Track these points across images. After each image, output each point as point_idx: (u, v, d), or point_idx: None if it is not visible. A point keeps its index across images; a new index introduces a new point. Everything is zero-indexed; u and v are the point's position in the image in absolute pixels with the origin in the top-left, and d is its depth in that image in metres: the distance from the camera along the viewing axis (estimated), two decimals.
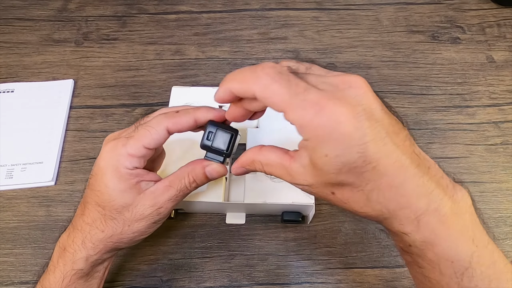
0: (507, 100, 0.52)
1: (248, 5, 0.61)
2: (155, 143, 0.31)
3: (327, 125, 0.23)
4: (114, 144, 0.31)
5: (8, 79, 0.54)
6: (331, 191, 0.26)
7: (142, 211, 0.31)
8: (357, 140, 0.23)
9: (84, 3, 0.61)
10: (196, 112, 0.32)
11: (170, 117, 0.31)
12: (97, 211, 0.32)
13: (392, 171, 0.24)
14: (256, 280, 0.41)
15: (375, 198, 0.24)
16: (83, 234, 0.32)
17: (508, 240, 0.43)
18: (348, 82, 0.24)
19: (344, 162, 0.23)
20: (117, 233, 0.32)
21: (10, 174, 0.47)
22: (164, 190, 0.32)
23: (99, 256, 0.33)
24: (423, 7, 0.60)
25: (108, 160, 0.31)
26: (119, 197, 0.31)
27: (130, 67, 0.55)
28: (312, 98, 0.23)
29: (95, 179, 0.31)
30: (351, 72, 0.26)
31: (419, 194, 0.24)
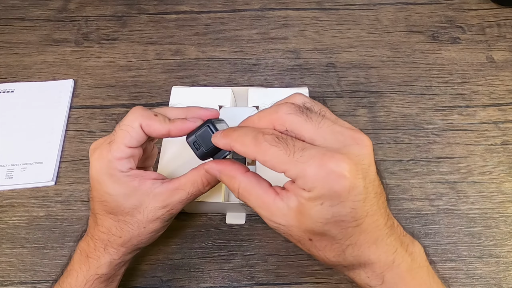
0: (507, 100, 0.52)
1: (248, 5, 0.61)
2: (136, 142, 0.31)
3: (329, 179, 0.24)
4: (99, 153, 0.31)
5: (8, 79, 0.54)
6: (309, 237, 0.27)
7: (154, 213, 0.32)
8: (353, 197, 0.24)
9: (84, 3, 0.61)
10: (171, 125, 0.31)
11: (146, 117, 0.31)
12: (110, 218, 0.32)
13: (371, 229, 0.26)
14: (256, 280, 0.41)
15: (350, 251, 0.26)
16: (103, 242, 0.32)
17: (508, 240, 0.43)
18: (356, 138, 0.26)
19: (335, 214, 0.25)
20: (135, 235, 0.33)
21: (10, 174, 0.47)
22: (174, 192, 0.32)
23: (121, 259, 0.34)
24: (423, 7, 0.60)
25: (99, 169, 0.31)
26: (126, 201, 0.31)
27: (130, 67, 0.55)
28: (312, 154, 0.24)
29: (96, 191, 0.32)
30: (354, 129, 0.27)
31: (387, 252, 0.26)
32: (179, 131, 0.32)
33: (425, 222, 0.44)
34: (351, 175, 0.24)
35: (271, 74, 0.54)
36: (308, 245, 0.27)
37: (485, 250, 0.42)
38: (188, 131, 0.32)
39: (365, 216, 0.25)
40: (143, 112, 0.31)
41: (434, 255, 0.42)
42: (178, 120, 0.32)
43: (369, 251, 0.26)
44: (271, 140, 0.26)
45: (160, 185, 0.32)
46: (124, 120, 0.31)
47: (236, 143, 0.27)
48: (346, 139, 0.25)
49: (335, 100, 0.52)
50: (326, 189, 0.24)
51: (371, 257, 0.26)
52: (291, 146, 0.25)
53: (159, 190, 0.32)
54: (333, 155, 0.24)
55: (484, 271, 0.41)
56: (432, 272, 0.29)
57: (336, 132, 0.26)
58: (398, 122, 0.50)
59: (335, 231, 0.25)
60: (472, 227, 0.43)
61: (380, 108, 0.51)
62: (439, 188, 0.46)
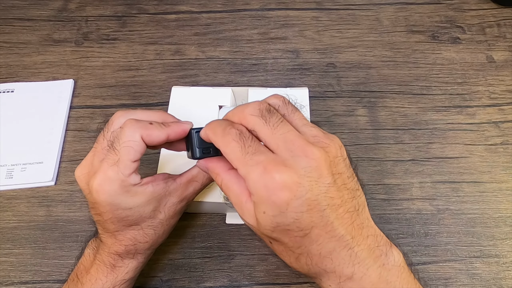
0: (507, 100, 0.52)
1: (248, 5, 0.61)
2: (140, 154, 0.31)
3: (269, 187, 0.24)
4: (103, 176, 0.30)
5: (8, 79, 0.54)
6: (269, 241, 0.28)
7: (174, 208, 0.33)
8: (294, 208, 0.24)
9: (84, 3, 0.61)
10: (168, 129, 0.31)
11: (143, 128, 0.31)
12: (133, 229, 0.32)
13: (322, 240, 0.25)
14: (256, 280, 0.41)
15: (303, 260, 0.27)
16: (131, 252, 0.33)
17: (508, 240, 0.43)
18: (306, 151, 0.25)
19: (278, 223, 0.25)
20: (160, 235, 0.34)
21: (10, 174, 0.47)
22: (189, 185, 0.34)
23: (146, 259, 0.35)
24: (423, 7, 0.60)
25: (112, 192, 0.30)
26: (147, 207, 0.32)
27: (130, 67, 0.55)
28: (261, 159, 0.25)
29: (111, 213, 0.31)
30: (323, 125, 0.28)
31: (346, 263, 0.26)
32: (177, 134, 0.32)
33: (425, 222, 0.44)
34: (291, 187, 0.24)
35: (271, 74, 0.54)
36: (272, 247, 0.28)
37: (485, 250, 0.42)
38: (184, 133, 0.32)
39: (311, 227, 0.25)
40: (138, 123, 0.31)
41: (434, 255, 0.42)
42: (173, 124, 0.32)
43: (323, 262, 0.26)
44: (234, 134, 0.26)
45: (174, 182, 0.33)
46: (123, 137, 0.30)
47: (210, 131, 0.29)
48: (296, 149, 0.25)
49: (335, 100, 0.52)
50: (265, 198, 0.24)
51: (327, 267, 0.26)
52: (247, 146, 0.26)
53: (174, 186, 0.33)
54: (277, 165, 0.24)
55: (484, 271, 0.41)
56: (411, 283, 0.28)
57: (288, 141, 0.26)
58: (398, 122, 0.50)
59: (285, 239, 0.26)
60: (472, 227, 0.43)
61: (380, 108, 0.51)
62: (439, 188, 0.46)
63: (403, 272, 0.27)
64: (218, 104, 0.45)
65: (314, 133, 0.27)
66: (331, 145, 0.26)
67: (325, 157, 0.25)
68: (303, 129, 0.27)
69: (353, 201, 0.27)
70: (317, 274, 0.27)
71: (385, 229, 0.43)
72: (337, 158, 0.26)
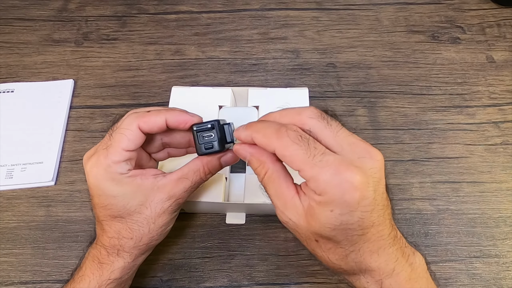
0: (507, 100, 0.52)
1: (248, 5, 0.61)
2: (134, 144, 0.31)
3: (342, 188, 0.25)
4: (95, 160, 0.31)
5: (8, 79, 0.54)
6: (316, 239, 0.28)
7: (161, 205, 0.32)
8: (362, 207, 0.25)
9: (84, 3, 0.61)
10: (166, 113, 0.31)
11: (140, 116, 0.31)
12: (118, 222, 0.32)
13: (374, 239, 0.27)
14: (256, 280, 0.41)
15: (353, 257, 0.27)
16: (115, 248, 0.32)
17: (508, 240, 0.43)
18: (370, 152, 0.27)
19: (343, 221, 0.26)
20: (146, 233, 0.33)
21: (10, 174, 0.47)
22: (179, 182, 0.33)
23: (135, 261, 0.34)
24: (423, 7, 0.60)
25: (98, 175, 0.31)
26: (132, 199, 0.31)
27: (130, 67, 0.55)
28: (330, 161, 0.25)
29: (98, 197, 0.31)
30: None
31: (388, 261, 0.28)
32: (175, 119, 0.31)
33: (425, 222, 0.44)
34: (362, 187, 0.25)
35: (271, 74, 0.54)
36: (313, 245, 0.28)
37: (485, 250, 0.42)
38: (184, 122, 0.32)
39: (371, 226, 0.26)
40: (136, 113, 0.31)
41: (434, 255, 0.42)
42: (176, 109, 0.32)
43: (370, 259, 0.27)
44: (294, 137, 0.26)
45: (163, 178, 0.32)
46: (121, 124, 0.31)
47: (258, 133, 0.28)
48: (361, 151, 0.26)
49: (335, 100, 0.52)
50: (337, 197, 0.25)
51: (372, 264, 0.27)
52: (312, 148, 0.26)
53: (163, 182, 0.32)
54: (349, 166, 0.25)
55: (484, 271, 0.41)
56: (432, 284, 0.30)
57: (352, 143, 0.27)
58: (398, 122, 0.50)
59: (341, 237, 0.26)
60: (472, 227, 0.43)
61: (380, 108, 0.51)
62: (439, 188, 0.46)
63: (426, 273, 0.29)
64: (218, 104, 0.45)
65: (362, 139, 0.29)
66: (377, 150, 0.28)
67: (383, 159, 0.27)
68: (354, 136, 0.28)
69: (390, 203, 0.28)
70: (360, 271, 0.28)
71: None
72: None
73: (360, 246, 0.27)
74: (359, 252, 0.27)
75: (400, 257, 0.28)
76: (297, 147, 0.26)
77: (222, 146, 0.32)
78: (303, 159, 0.26)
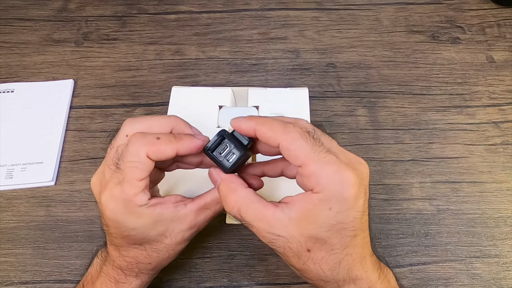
0: (507, 100, 0.52)
1: (248, 5, 0.61)
2: (146, 173, 0.29)
3: (343, 184, 0.26)
4: (109, 193, 0.29)
5: (8, 79, 0.54)
6: (308, 248, 0.27)
7: (182, 235, 0.31)
8: (357, 207, 0.26)
9: (84, 3, 0.61)
10: (177, 144, 0.29)
11: (150, 144, 0.28)
12: (136, 248, 0.31)
13: (362, 244, 0.28)
14: (256, 280, 0.41)
15: (345, 263, 0.28)
16: (134, 271, 0.32)
17: (508, 240, 0.43)
18: (360, 161, 0.28)
19: (339, 220, 0.26)
20: (165, 259, 0.32)
21: (10, 174, 0.47)
22: (200, 212, 0.32)
23: (150, 279, 0.34)
24: (423, 7, 0.60)
25: (116, 210, 0.29)
26: (152, 230, 0.30)
27: (130, 67, 0.55)
28: (333, 159, 0.26)
29: (116, 228, 0.30)
30: None
31: (373, 270, 0.29)
32: (188, 149, 0.30)
33: (425, 222, 0.44)
34: (358, 187, 0.26)
35: (271, 74, 0.54)
36: (304, 258, 0.28)
37: (485, 250, 0.42)
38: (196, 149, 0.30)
39: (360, 229, 0.27)
40: (144, 139, 0.28)
41: (434, 255, 0.42)
42: (185, 137, 0.30)
43: (359, 266, 0.28)
44: (301, 132, 0.27)
45: (184, 207, 0.31)
46: (127, 155, 0.28)
47: (263, 126, 0.28)
48: (352, 159, 0.28)
49: (335, 100, 0.52)
50: (337, 193, 0.26)
51: (361, 272, 0.28)
52: (318, 145, 0.27)
53: (184, 212, 0.31)
54: (348, 167, 0.26)
55: (484, 271, 0.41)
56: None
57: (344, 152, 0.28)
58: (398, 122, 0.50)
59: (335, 239, 0.27)
60: (472, 227, 0.43)
61: (380, 108, 0.51)
62: (439, 188, 0.46)
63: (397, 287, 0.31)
64: (218, 104, 0.45)
65: None
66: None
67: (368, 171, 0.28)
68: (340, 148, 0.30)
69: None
70: (350, 280, 0.28)
71: (385, 229, 0.43)
72: None
73: (352, 251, 0.27)
74: (351, 257, 0.27)
75: (379, 268, 0.29)
76: (303, 141, 0.26)
77: (244, 149, 0.30)
78: (308, 154, 0.26)
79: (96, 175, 0.31)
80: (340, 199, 0.26)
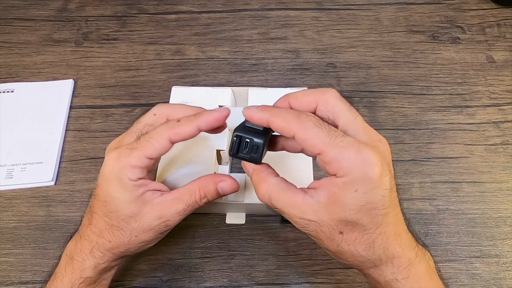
0: (507, 100, 0.52)
1: (248, 5, 0.61)
2: (157, 154, 0.31)
3: (365, 165, 0.26)
4: (117, 154, 0.30)
5: (8, 79, 0.54)
6: (340, 230, 0.28)
7: (150, 223, 0.31)
8: (383, 185, 0.26)
9: (84, 3, 0.61)
10: (197, 120, 0.31)
11: (171, 127, 0.31)
12: (104, 221, 0.32)
13: (395, 221, 0.28)
14: (256, 280, 0.41)
15: (379, 242, 0.27)
16: (91, 244, 0.32)
17: (508, 240, 0.43)
18: (381, 138, 0.28)
19: (367, 201, 0.26)
20: (124, 243, 0.32)
21: (10, 174, 0.47)
22: (172, 203, 0.32)
23: (107, 264, 0.33)
24: (423, 7, 0.60)
25: (112, 170, 0.30)
26: (125, 208, 0.31)
27: (130, 67, 0.55)
28: (351, 141, 0.26)
29: (101, 190, 0.31)
30: None
31: (409, 247, 0.28)
32: (209, 124, 0.31)
33: (425, 222, 0.44)
34: (381, 165, 0.26)
35: (271, 74, 0.54)
36: (338, 240, 0.28)
37: (485, 250, 0.42)
38: (217, 121, 0.31)
39: (390, 206, 0.27)
40: (167, 125, 0.31)
41: (434, 255, 0.41)
42: (203, 113, 0.31)
43: (395, 243, 0.28)
44: (315, 121, 0.27)
45: (159, 196, 0.32)
46: (151, 133, 0.30)
47: (277, 118, 0.28)
48: (373, 136, 0.28)
49: None
50: (361, 174, 0.26)
51: (397, 249, 0.28)
52: (333, 131, 0.27)
53: (157, 201, 0.32)
54: (367, 146, 0.26)
55: (484, 271, 0.41)
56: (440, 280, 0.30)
57: (367, 129, 0.28)
58: (398, 122, 0.50)
59: (366, 220, 0.27)
60: (472, 227, 0.43)
61: (380, 108, 0.51)
62: (439, 188, 0.46)
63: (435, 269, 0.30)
64: (218, 104, 0.45)
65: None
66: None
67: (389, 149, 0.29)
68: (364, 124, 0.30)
69: None
70: (387, 259, 0.28)
71: None
72: None
73: (385, 229, 0.27)
74: (385, 235, 0.27)
75: (416, 245, 0.29)
76: (318, 129, 0.27)
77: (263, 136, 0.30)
78: (325, 141, 0.26)
79: (113, 142, 0.33)
80: (365, 180, 0.26)
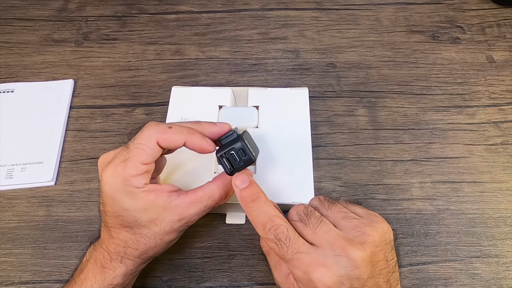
0: (507, 100, 0.52)
1: (248, 5, 0.61)
2: (151, 158, 0.31)
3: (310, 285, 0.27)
4: (113, 170, 0.31)
5: (8, 79, 0.54)
6: None
7: (171, 225, 0.32)
8: None
9: (84, 3, 0.61)
10: (187, 136, 0.32)
11: (161, 132, 0.31)
12: (126, 232, 0.32)
13: None
14: (256, 280, 0.41)
15: None
16: (120, 254, 0.33)
17: (508, 240, 0.43)
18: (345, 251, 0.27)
19: None
20: (152, 247, 0.33)
21: (10, 174, 0.47)
22: (191, 205, 0.33)
23: (136, 269, 0.34)
24: (423, 7, 0.60)
25: (114, 187, 0.31)
26: (144, 215, 0.31)
27: (130, 67, 0.55)
28: (302, 259, 0.27)
29: (111, 207, 0.31)
30: None
31: None
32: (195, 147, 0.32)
33: (425, 222, 0.44)
34: (330, 284, 0.26)
35: (271, 74, 0.54)
36: None
37: (485, 250, 0.42)
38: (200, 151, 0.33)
39: None
40: (157, 127, 0.31)
41: (434, 255, 0.42)
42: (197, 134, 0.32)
43: None
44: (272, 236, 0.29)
45: (177, 198, 0.32)
46: (138, 138, 0.31)
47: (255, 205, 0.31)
48: (337, 248, 0.27)
49: (335, 100, 0.52)
50: None
51: None
52: (285, 246, 0.28)
53: (176, 203, 0.32)
54: (317, 266, 0.27)
55: (484, 271, 0.41)
56: None
57: (329, 240, 0.28)
58: (398, 122, 0.50)
59: None
60: (472, 227, 0.43)
61: (380, 108, 0.51)
62: (439, 188, 0.46)
63: None
64: (218, 104, 0.45)
65: (355, 224, 0.29)
66: (374, 235, 0.28)
67: (364, 256, 0.27)
68: (343, 223, 0.29)
69: (387, 284, 0.28)
70: None
71: None
72: (380, 247, 0.28)
73: None
74: None
75: None
76: (274, 245, 0.29)
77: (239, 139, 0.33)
78: (280, 255, 0.29)
79: (104, 155, 0.33)
80: None
